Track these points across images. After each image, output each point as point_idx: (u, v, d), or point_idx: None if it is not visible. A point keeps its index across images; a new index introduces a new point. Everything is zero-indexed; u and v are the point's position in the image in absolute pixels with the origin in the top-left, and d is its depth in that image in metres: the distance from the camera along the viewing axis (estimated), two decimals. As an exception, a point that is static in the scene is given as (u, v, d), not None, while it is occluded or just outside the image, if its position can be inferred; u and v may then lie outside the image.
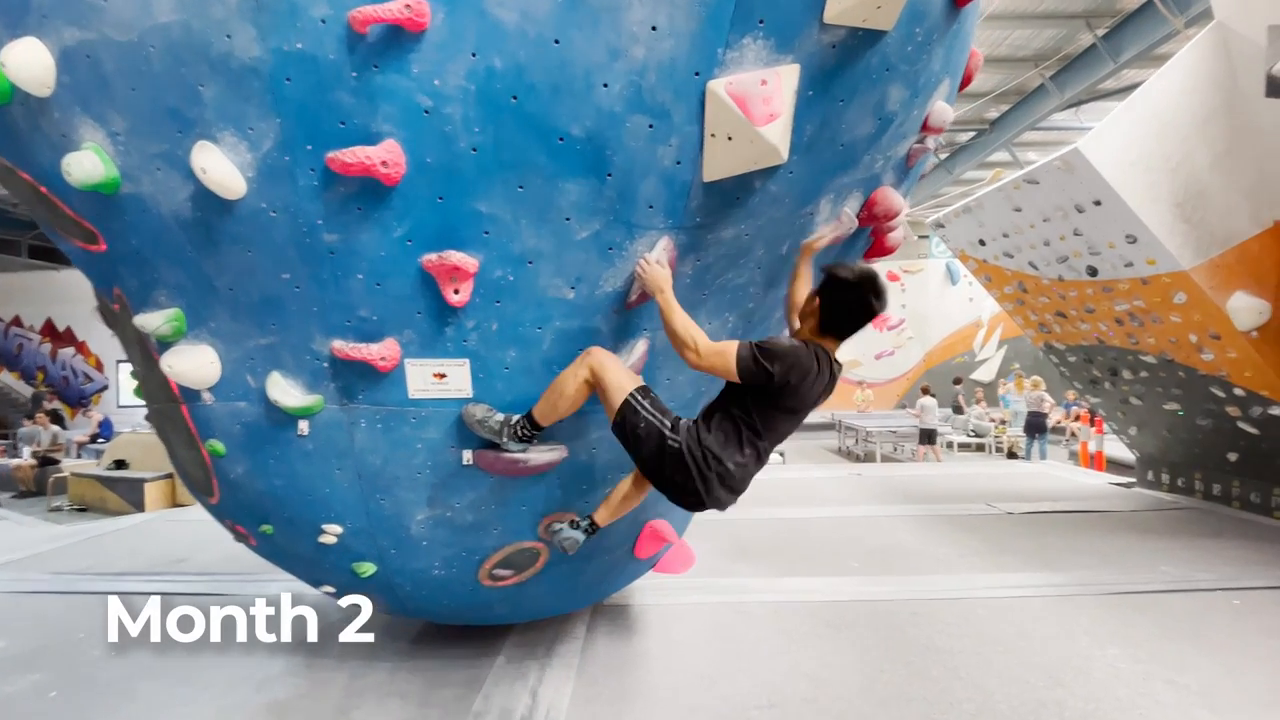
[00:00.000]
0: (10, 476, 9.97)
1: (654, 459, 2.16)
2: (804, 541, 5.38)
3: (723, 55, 1.80)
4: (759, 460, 2.30)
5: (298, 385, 2.29)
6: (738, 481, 2.27)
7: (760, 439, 2.25)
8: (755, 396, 2.18)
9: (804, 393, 2.17)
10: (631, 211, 2.05)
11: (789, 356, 2.09)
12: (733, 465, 2.19)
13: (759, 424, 2.22)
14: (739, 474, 2.24)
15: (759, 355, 2.08)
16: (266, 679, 3.14)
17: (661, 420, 2.15)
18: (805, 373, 2.11)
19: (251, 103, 1.87)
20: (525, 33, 1.74)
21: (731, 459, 2.18)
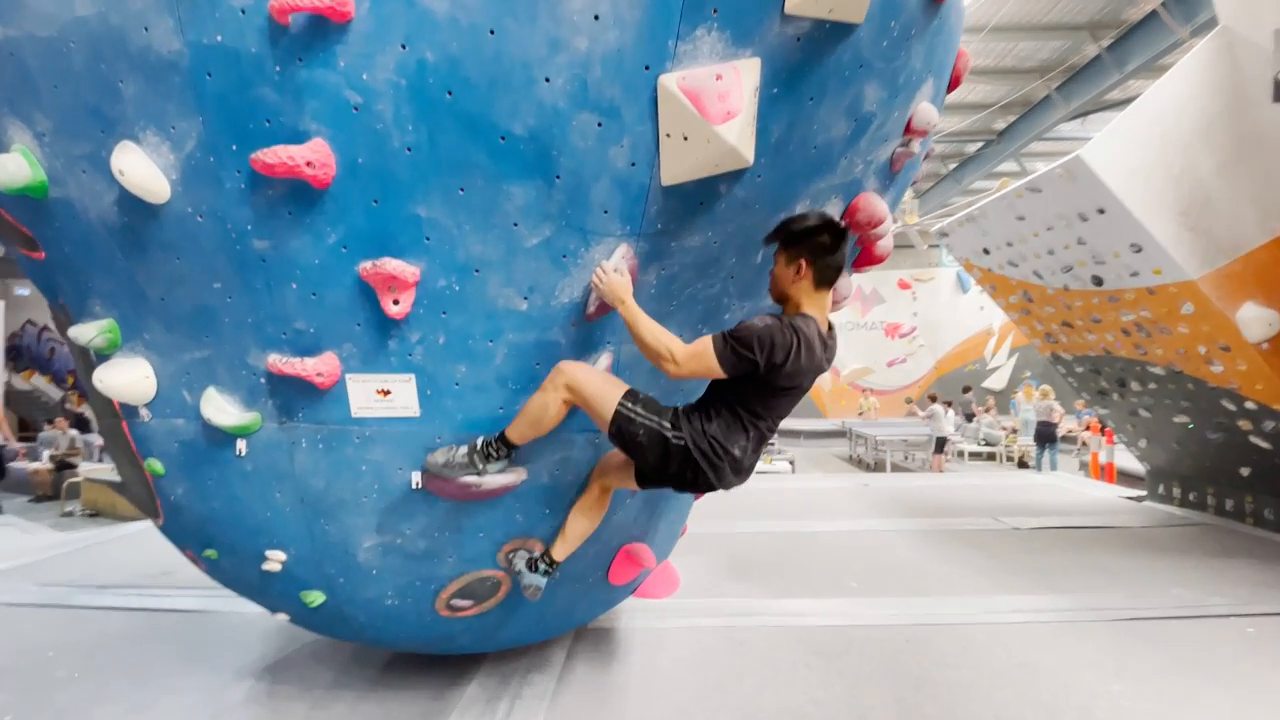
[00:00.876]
0: (29, 480, 9.97)
1: (661, 461, 2.06)
2: (804, 558, 5.19)
3: (674, 48, 1.65)
4: (763, 440, 2.21)
5: (234, 402, 2.15)
6: (746, 464, 2.19)
7: (761, 420, 2.14)
8: (749, 382, 2.04)
9: (797, 370, 2.01)
10: (585, 217, 1.90)
11: (766, 339, 1.93)
12: (739, 451, 2.12)
13: (758, 407, 2.11)
14: (745, 459, 2.16)
15: (737, 346, 1.94)
16: (225, 707, 2.99)
17: (660, 422, 2.04)
18: (788, 350, 1.95)
19: (172, 100, 1.75)
20: (458, 22, 1.60)
21: (737, 444, 2.10)
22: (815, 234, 2.01)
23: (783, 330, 1.96)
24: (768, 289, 2.26)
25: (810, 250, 2.02)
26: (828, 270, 2.06)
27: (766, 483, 8.63)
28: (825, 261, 2.04)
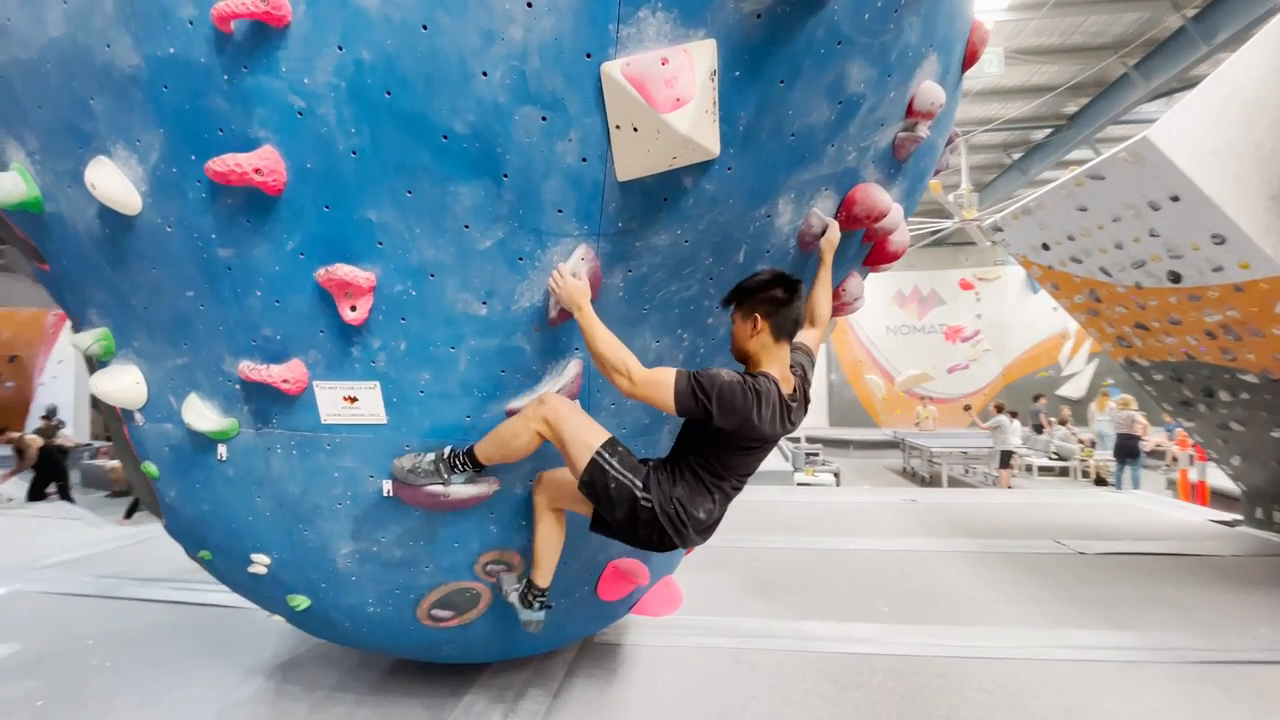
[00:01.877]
0: (107, 477, 10.78)
1: (627, 520, 2.04)
2: (834, 577, 4.91)
3: (616, 32, 1.54)
4: (728, 499, 2.17)
5: (213, 408, 2.18)
6: (710, 525, 2.17)
7: (724, 480, 2.10)
8: (710, 437, 2.00)
9: (755, 431, 1.95)
10: (538, 217, 1.81)
11: (726, 395, 1.87)
12: (703, 514, 2.08)
13: (718, 467, 2.06)
14: (710, 520, 2.13)
15: (698, 389, 1.87)
16: (232, 703, 3.07)
17: (633, 481, 2.00)
18: (744, 412, 1.89)
19: (135, 113, 1.78)
20: (390, 19, 1.55)
21: (701, 507, 2.07)
22: (767, 288, 2.00)
23: (743, 390, 1.89)
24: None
25: (764, 304, 2.00)
26: (784, 323, 2.02)
27: (805, 496, 8.31)
28: (780, 315, 2.00)
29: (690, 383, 1.88)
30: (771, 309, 1.99)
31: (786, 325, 2.02)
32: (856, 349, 19.04)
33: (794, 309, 2.02)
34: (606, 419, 2.24)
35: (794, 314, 2.02)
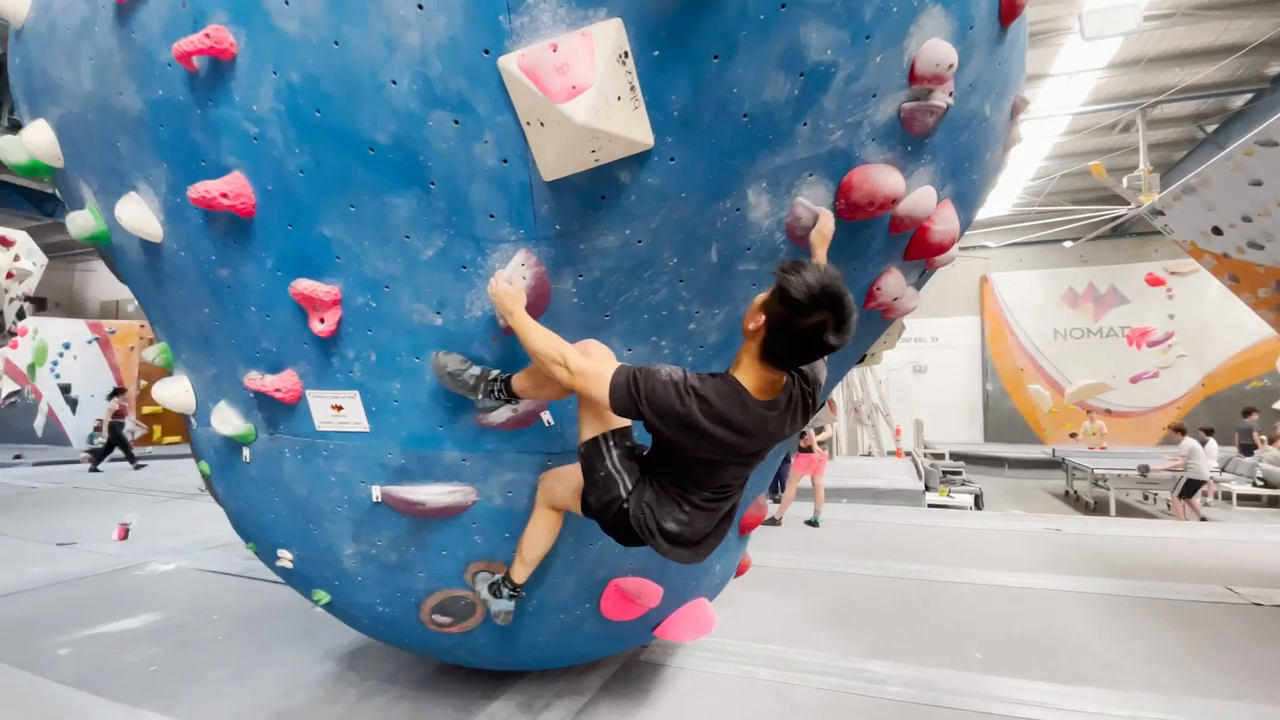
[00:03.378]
0: None
1: (603, 511, 1.92)
2: (927, 612, 4.35)
3: (509, 23, 1.47)
4: (710, 513, 1.91)
5: (237, 414, 2.40)
6: (692, 541, 1.92)
7: (690, 493, 1.85)
8: (661, 443, 1.81)
9: (705, 440, 1.69)
10: (471, 223, 1.77)
11: (656, 399, 1.63)
12: (673, 525, 1.86)
13: (678, 475, 1.84)
14: (686, 532, 1.88)
15: (631, 385, 1.65)
16: (297, 685, 3.35)
17: (623, 479, 1.87)
18: (681, 418, 1.63)
19: (146, 151, 2.01)
20: (309, 40, 1.60)
21: (670, 518, 1.85)
22: (784, 296, 1.54)
23: (679, 393, 1.63)
24: (734, 294, 1.94)
25: (772, 309, 1.59)
26: (777, 350, 1.63)
27: (929, 519, 7.49)
28: (778, 339, 1.61)
29: (627, 378, 1.65)
30: (774, 320, 1.59)
31: (779, 354, 1.64)
32: (1017, 355, 17.01)
33: (798, 342, 1.58)
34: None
35: (796, 346, 1.61)
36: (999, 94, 2.22)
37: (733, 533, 3.11)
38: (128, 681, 3.39)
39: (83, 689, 3.27)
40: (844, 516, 7.54)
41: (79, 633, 4.04)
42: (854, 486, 8.98)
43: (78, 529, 6.81)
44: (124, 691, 3.25)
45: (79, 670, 3.49)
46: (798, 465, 7.06)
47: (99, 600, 4.68)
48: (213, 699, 3.21)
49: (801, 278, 1.54)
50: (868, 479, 9.43)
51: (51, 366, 13.56)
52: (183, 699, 3.21)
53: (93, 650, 3.79)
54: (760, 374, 1.70)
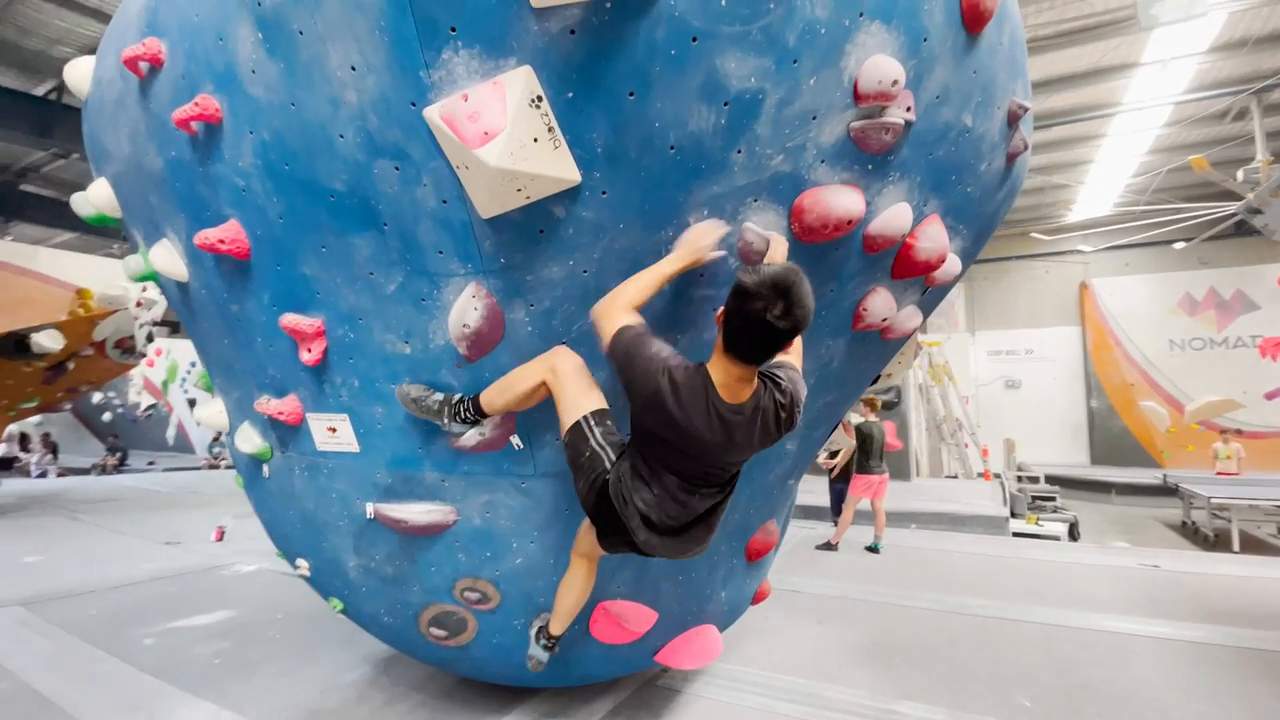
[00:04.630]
0: None
1: (588, 491, 1.95)
2: (981, 653, 4.03)
3: (429, 78, 1.57)
4: (681, 505, 1.91)
5: (256, 434, 2.64)
6: (660, 525, 1.92)
7: (658, 474, 1.88)
8: (635, 418, 1.85)
9: (667, 417, 1.75)
10: (423, 259, 1.89)
11: (637, 365, 1.73)
12: (641, 504, 1.89)
13: (645, 451, 1.88)
14: (655, 515, 1.90)
15: (628, 343, 1.75)
16: (333, 686, 3.59)
17: (607, 453, 1.92)
18: (648, 391, 1.73)
19: (169, 203, 2.28)
20: (273, 103, 1.78)
21: (639, 494, 1.90)
22: (736, 287, 1.65)
23: (656, 369, 1.72)
24: (694, 319, 1.96)
25: (729, 300, 1.68)
26: (733, 337, 1.69)
27: (1008, 549, 6.93)
28: (732, 324, 1.68)
29: (628, 335, 1.75)
30: (729, 310, 1.67)
31: (735, 342, 1.69)
32: (1126, 369, 15.42)
33: (751, 328, 1.64)
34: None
35: (750, 333, 1.66)
36: (982, 103, 2.09)
37: (740, 559, 3.06)
38: (193, 672, 3.76)
39: (156, 676, 3.66)
40: (910, 543, 7.12)
41: (164, 625, 4.53)
42: (927, 511, 8.47)
43: (185, 530, 7.62)
44: (188, 681, 3.61)
45: (156, 659, 3.91)
46: (855, 487, 6.75)
47: (188, 596, 5.22)
48: (260, 693, 3.50)
49: (756, 272, 1.64)
50: (944, 503, 8.85)
51: (180, 383, 15.31)
52: (234, 691, 3.52)
53: (172, 642, 4.23)
54: (726, 367, 1.74)
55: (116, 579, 5.67)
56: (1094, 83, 9.79)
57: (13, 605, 4.83)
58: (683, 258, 1.85)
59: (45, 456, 14.35)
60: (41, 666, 3.76)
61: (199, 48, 1.85)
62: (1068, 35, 8.98)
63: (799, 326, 1.64)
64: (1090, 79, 9.75)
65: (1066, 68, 9.52)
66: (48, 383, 9.62)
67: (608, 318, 1.80)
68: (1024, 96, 2.30)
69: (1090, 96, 10.30)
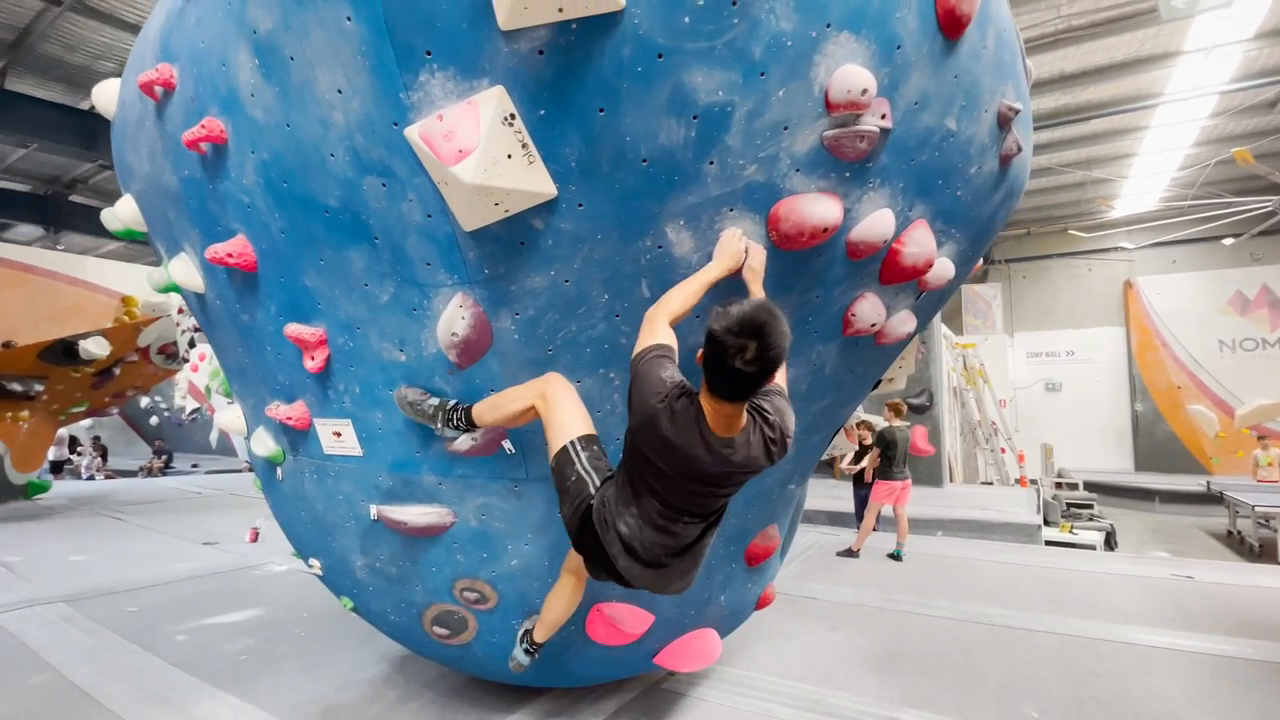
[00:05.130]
0: None
1: (573, 515, 1.96)
2: (994, 662, 3.96)
3: (408, 99, 1.65)
4: (662, 532, 1.89)
5: (270, 438, 2.76)
6: (640, 555, 1.91)
7: (643, 496, 1.86)
8: (629, 436, 1.85)
9: (657, 438, 1.75)
10: (413, 270, 1.97)
11: (641, 383, 1.75)
12: (625, 528, 1.89)
13: (633, 472, 1.87)
14: (634, 543, 1.89)
15: (648, 363, 1.76)
16: (349, 682, 3.70)
17: (592, 478, 1.93)
18: (645, 413, 1.73)
19: (184, 219, 2.42)
20: (270, 124, 1.89)
21: (623, 518, 1.89)
22: (708, 334, 1.59)
23: (657, 390, 1.72)
24: (679, 326, 1.99)
25: (705, 344, 1.62)
26: (712, 380, 1.66)
27: (1036, 557, 6.74)
28: (709, 368, 1.64)
29: (650, 355, 1.77)
30: (708, 352, 1.61)
31: (716, 384, 1.65)
32: (1173, 371, 14.83)
33: (726, 371, 1.59)
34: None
35: (725, 375, 1.61)
36: (966, 107, 2.09)
37: (739, 563, 3.07)
38: (220, 667, 3.93)
39: (185, 670, 3.83)
40: (934, 550, 6.99)
41: (196, 622, 4.73)
42: (955, 518, 8.30)
43: (222, 530, 7.93)
44: (214, 675, 3.76)
45: (186, 654, 4.09)
46: (877, 493, 6.66)
47: (220, 594, 5.44)
48: (280, 689, 3.64)
49: (725, 315, 1.57)
50: (973, 509, 8.66)
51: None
52: (257, 686, 3.66)
53: (202, 638, 4.42)
54: (711, 405, 1.71)
55: (154, 577, 5.94)
56: (1134, 73, 9.48)
57: (57, 602, 5.11)
58: (723, 264, 1.88)
59: (95, 459, 15.04)
60: (79, 660, 3.97)
61: (205, 72, 1.97)
62: (1104, 25, 8.73)
63: (771, 367, 1.59)
64: (1130, 69, 9.45)
65: (1104, 58, 9.25)
66: (95, 388, 10.12)
67: (649, 329, 1.82)
68: (1015, 98, 2.28)
69: (1130, 87, 9.97)
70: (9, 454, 9.49)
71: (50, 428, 10.44)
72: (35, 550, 6.99)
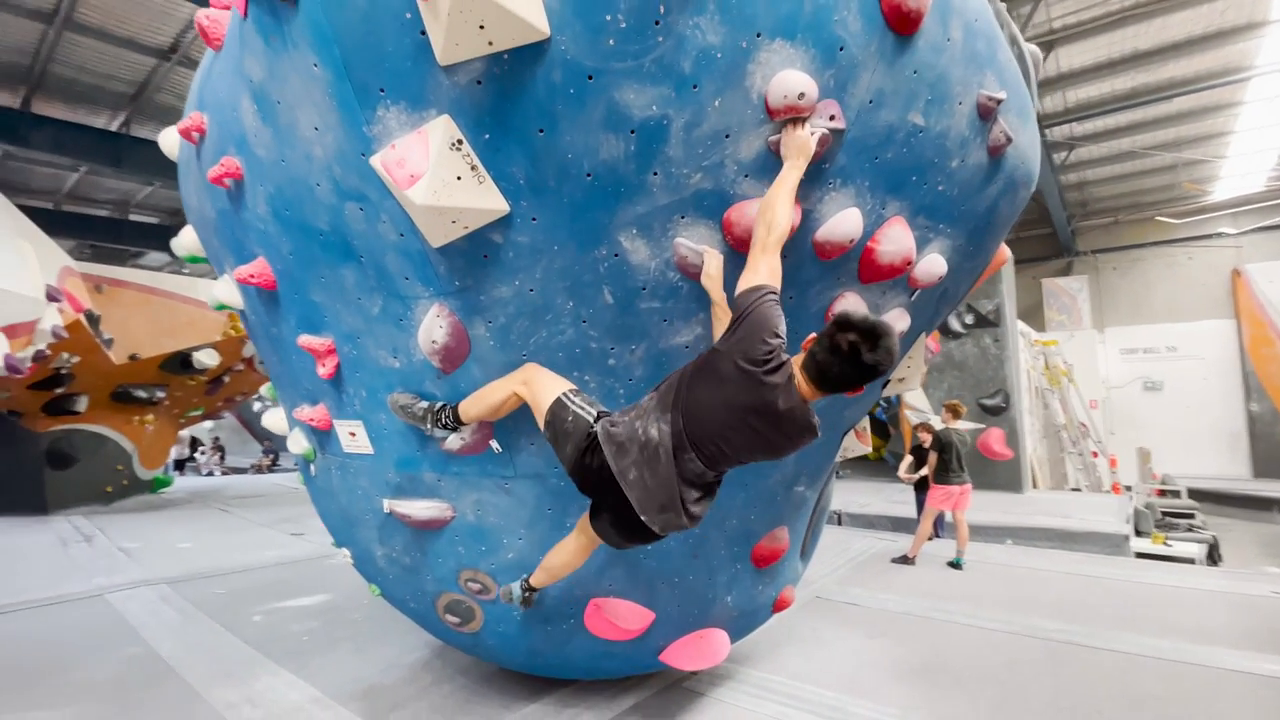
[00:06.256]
0: None
1: (574, 452, 1.99)
2: (1042, 680, 3.73)
3: (370, 131, 1.82)
4: (659, 473, 1.91)
5: (304, 438, 3.06)
6: (649, 484, 1.92)
7: (664, 416, 1.92)
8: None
9: (747, 376, 1.85)
10: (395, 284, 2.16)
11: (763, 320, 1.84)
12: (654, 431, 1.91)
13: (689, 385, 1.93)
14: (631, 478, 1.92)
15: (772, 301, 1.85)
16: (393, 665, 3.99)
17: (588, 412, 2.00)
18: (754, 351, 1.84)
19: (222, 245, 2.74)
20: (271, 160, 2.13)
21: (654, 424, 1.92)
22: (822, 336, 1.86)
23: (777, 349, 1.85)
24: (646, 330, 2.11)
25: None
26: (824, 368, 1.85)
27: (1117, 569, 6.23)
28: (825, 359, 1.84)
29: (767, 295, 1.85)
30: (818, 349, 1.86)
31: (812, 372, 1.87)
32: (1298, 368, 13.17)
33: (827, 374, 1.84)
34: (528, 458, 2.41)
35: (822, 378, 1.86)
36: (933, 101, 2.04)
37: (744, 564, 3.09)
38: (285, 646, 4.33)
39: (254, 648, 4.27)
40: (1001, 560, 6.61)
41: (272, 605, 5.23)
42: (1031, 525, 7.78)
43: (311, 523, 8.64)
44: (278, 653, 4.17)
45: (259, 634, 4.54)
46: (934, 498, 6.38)
47: (297, 580, 5.97)
48: (331, 667, 3.98)
49: (845, 316, 1.82)
50: (1053, 517, 8.08)
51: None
52: (311, 664, 4.02)
53: (274, 619, 4.88)
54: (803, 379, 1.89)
55: (245, 563, 6.59)
56: (1217, 46, 8.61)
57: (160, 583, 5.78)
58: (800, 162, 1.87)
59: (213, 457, 16.72)
60: (168, 635, 4.50)
61: (224, 118, 2.25)
62: (1176, 0, 8.00)
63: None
64: (1212, 42, 8.60)
65: (1179, 33, 8.46)
66: (209, 394, 11.29)
67: (765, 258, 1.85)
68: (997, 88, 2.20)
69: (1215, 61, 9.06)
70: (137, 452, 10.75)
71: (172, 429, 11.73)
72: (151, 537, 7.91)
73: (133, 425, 10.54)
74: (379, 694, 3.58)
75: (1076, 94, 11.44)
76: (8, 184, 12.24)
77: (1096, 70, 10.70)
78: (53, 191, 13.14)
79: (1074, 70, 10.86)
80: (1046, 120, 12.14)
